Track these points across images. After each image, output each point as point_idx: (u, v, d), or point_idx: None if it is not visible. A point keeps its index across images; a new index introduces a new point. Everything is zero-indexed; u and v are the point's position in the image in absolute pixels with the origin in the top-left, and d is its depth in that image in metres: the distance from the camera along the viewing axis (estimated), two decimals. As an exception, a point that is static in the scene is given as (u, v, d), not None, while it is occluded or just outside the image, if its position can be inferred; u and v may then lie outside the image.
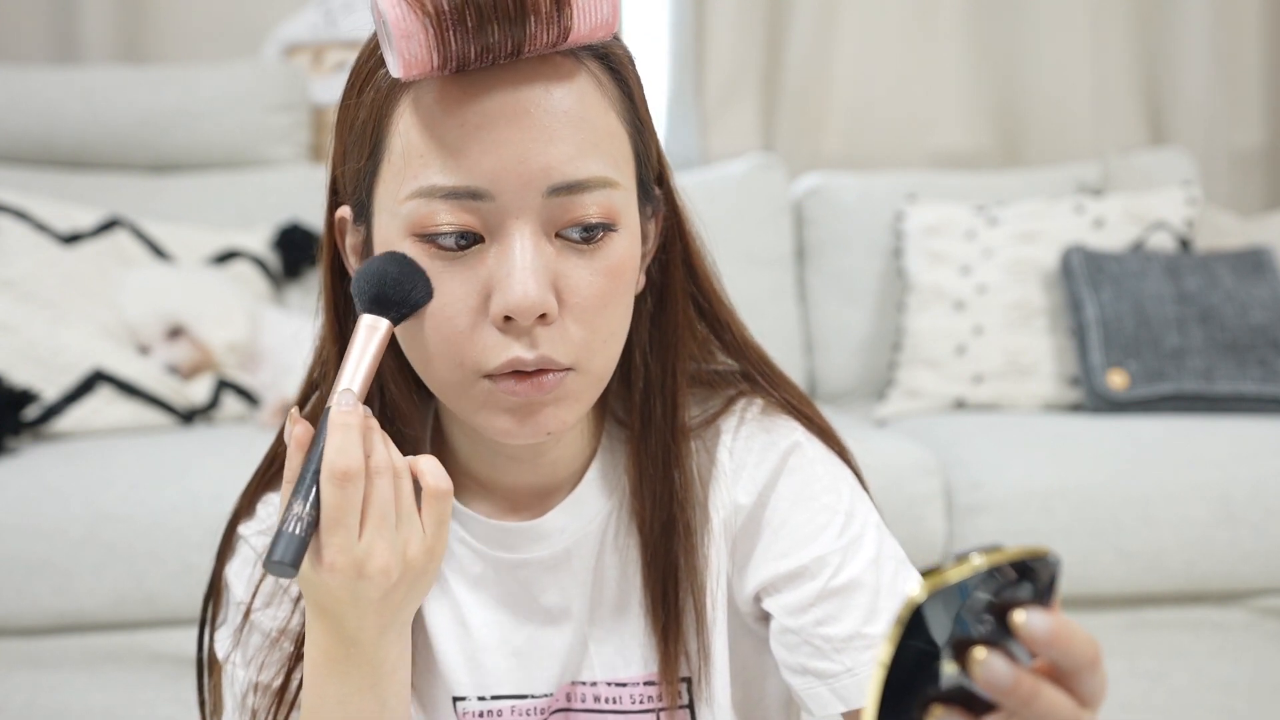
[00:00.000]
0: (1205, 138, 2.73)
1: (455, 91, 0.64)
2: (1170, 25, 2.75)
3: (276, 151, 2.35)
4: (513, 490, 0.78)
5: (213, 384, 1.92)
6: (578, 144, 0.65)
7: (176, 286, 1.97)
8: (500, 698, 0.77)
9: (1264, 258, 2.12)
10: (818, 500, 0.76)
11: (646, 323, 0.77)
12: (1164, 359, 2.00)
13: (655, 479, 0.77)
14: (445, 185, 0.64)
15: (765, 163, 2.42)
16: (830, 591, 0.74)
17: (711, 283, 0.79)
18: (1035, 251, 2.18)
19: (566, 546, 0.78)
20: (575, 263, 0.66)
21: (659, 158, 0.74)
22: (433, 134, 0.64)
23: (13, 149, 2.25)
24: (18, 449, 1.70)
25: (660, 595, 0.77)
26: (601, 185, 0.66)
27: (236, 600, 0.77)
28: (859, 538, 0.76)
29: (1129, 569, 1.72)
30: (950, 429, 1.94)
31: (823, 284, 2.42)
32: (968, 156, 2.76)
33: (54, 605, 1.55)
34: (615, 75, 0.68)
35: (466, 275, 0.65)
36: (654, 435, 0.77)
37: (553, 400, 0.68)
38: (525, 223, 0.65)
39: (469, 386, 0.68)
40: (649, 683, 0.78)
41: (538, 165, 0.64)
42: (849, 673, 0.72)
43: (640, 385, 0.77)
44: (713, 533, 0.78)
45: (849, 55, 2.72)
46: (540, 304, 0.64)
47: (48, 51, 2.57)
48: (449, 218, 0.64)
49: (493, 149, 0.63)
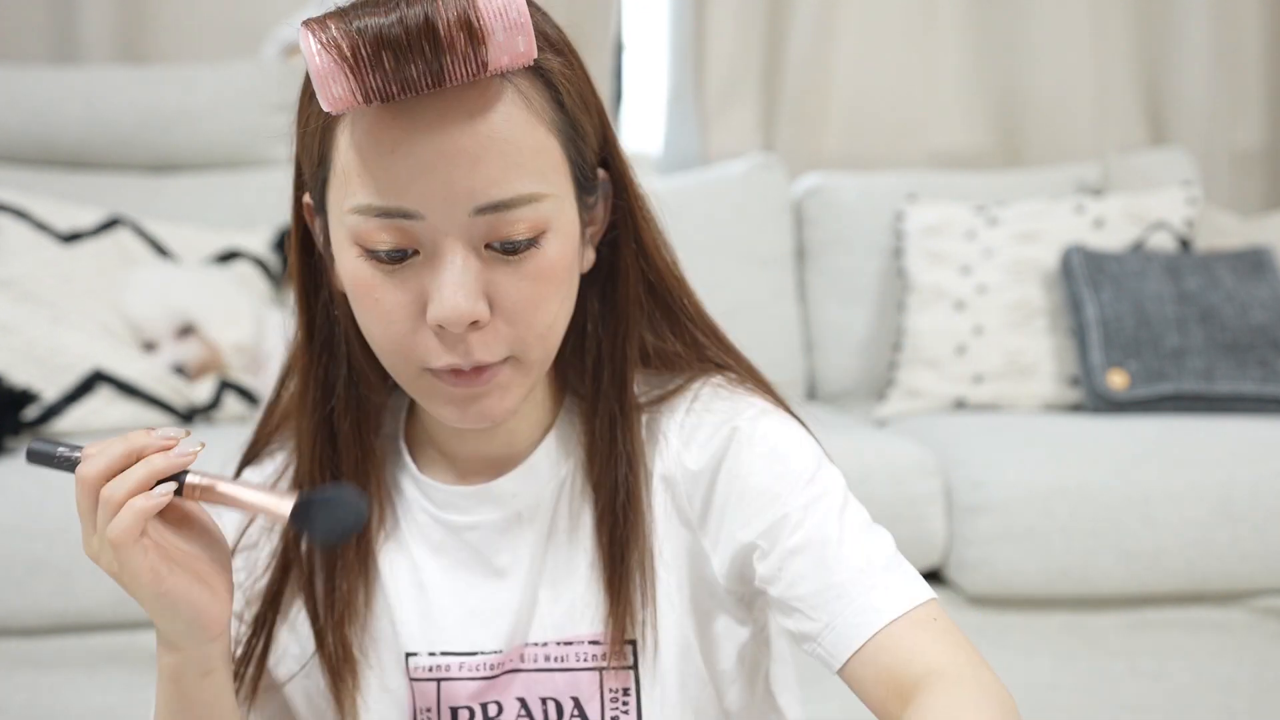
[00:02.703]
0: (1205, 138, 2.73)
1: (385, 119, 0.67)
2: (1170, 25, 2.75)
3: (276, 151, 2.35)
4: (471, 459, 0.83)
5: (215, 384, 1.92)
6: (502, 165, 0.68)
7: (186, 285, 1.97)
8: (450, 654, 0.81)
9: (1264, 258, 2.12)
10: (778, 465, 0.78)
11: (596, 298, 0.81)
12: (1164, 359, 2.00)
13: (604, 445, 0.80)
14: (379, 205, 0.68)
15: (765, 163, 2.42)
16: (792, 550, 0.75)
17: (661, 256, 0.82)
18: (1035, 251, 2.18)
19: (517, 510, 0.82)
20: (504, 271, 0.70)
21: (605, 142, 0.77)
22: (366, 157, 0.68)
23: (13, 149, 2.25)
24: (18, 449, 1.70)
25: (610, 562, 0.80)
26: (527, 201, 0.69)
27: None
28: (820, 496, 0.77)
29: (1129, 569, 1.72)
30: (950, 429, 1.94)
31: (823, 284, 2.42)
32: (968, 156, 2.76)
33: (54, 605, 1.55)
34: (545, 85, 0.70)
35: (404, 284, 0.70)
36: (602, 403, 0.81)
37: (493, 389, 0.73)
38: (454, 239, 0.69)
39: (415, 377, 0.73)
40: (594, 641, 0.81)
41: (463, 189, 0.67)
42: (828, 627, 0.73)
43: (593, 356, 0.81)
44: (660, 503, 0.81)
45: (849, 55, 2.72)
46: (469, 314, 0.69)
47: (48, 51, 2.57)
48: (384, 235, 0.69)
49: (420, 174, 0.67)
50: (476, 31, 0.63)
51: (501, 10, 0.64)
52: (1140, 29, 2.78)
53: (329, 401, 0.81)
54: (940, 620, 0.73)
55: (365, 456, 0.82)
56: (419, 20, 0.63)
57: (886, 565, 0.74)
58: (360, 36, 0.63)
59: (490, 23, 0.64)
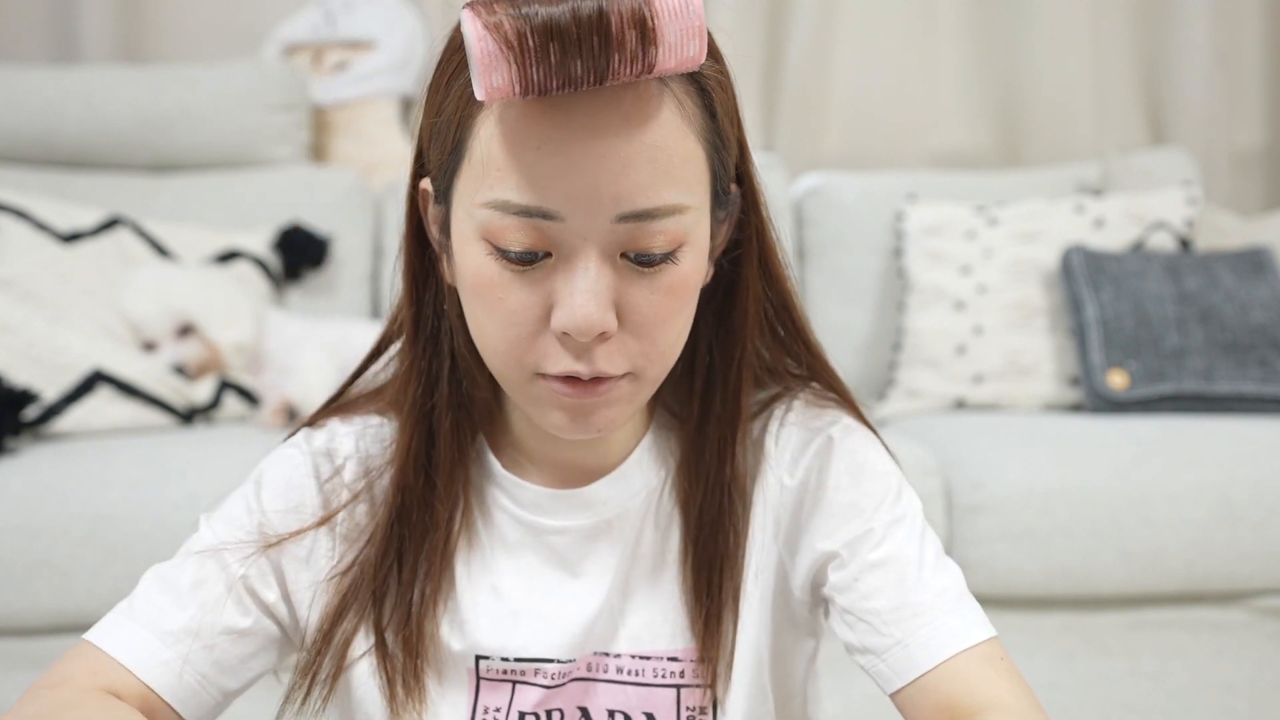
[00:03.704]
0: (1205, 138, 2.73)
1: (536, 113, 0.64)
2: (1170, 25, 2.75)
3: (276, 151, 2.35)
4: (561, 466, 0.80)
5: (215, 384, 1.92)
6: (651, 173, 0.65)
7: (186, 284, 1.97)
8: (523, 660, 0.79)
9: (1264, 258, 2.11)
10: (866, 482, 0.78)
11: (713, 316, 0.78)
12: (1164, 359, 2.00)
13: (707, 467, 0.79)
14: (518, 203, 0.65)
15: (765, 163, 2.42)
16: (873, 564, 0.75)
17: (786, 284, 0.80)
18: (1035, 251, 2.18)
19: (608, 518, 0.80)
20: (638, 283, 0.67)
21: (742, 157, 0.74)
22: (511, 151, 0.65)
23: (13, 149, 2.25)
24: (18, 449, 1.69)
25: (704, 578, 0.78)
26: (671, 213, 0.66)
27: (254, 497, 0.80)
28: (903, 517, 0.77)
29: (1129, 569, 1.72)
30: (950, 429, 1.94)
31: (823, 284, 2.42)
32: (968, 156, 2.76)
33: (54, 605, 1.55)
34: (700, 92, 0.68)
35: (532, 286, 0.67)
36: (712, 426, 0.79)
37: (605, 403, 0.70)
38: (592, 245, 0.66)
39: (526, 382, 0.70)
40: (673, 658, 0.79)
41: (609, 193, 0.64)
42: (900, 644, 0.73)
43: (702, 375, 0.79)
44: (757, 519, 0.80)
45: (849, 55, 2.72)
46: (599, 325, 0.66)
47: (48, 51, 2.57)
48: (518, 235, 0.66)
49: (567, 173, 0.64)
50: (650, 31, 0.60)
51: (678, 10, 0.61)
52: (1140, 29, 2.78)
53: (431, 398, 0.78)
54: (1005, 660, 0.73)
55: (461, 456, 0.80)
56: (592, 11, 0.59)
57: (960, 595, 0.75)
58: (528, 24, 0.60)
59: (665, 23, 0.61)
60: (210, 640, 0.75)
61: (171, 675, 0.74)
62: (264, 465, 0.82)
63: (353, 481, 0.80)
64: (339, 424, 0.83)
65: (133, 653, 0.74)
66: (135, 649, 0.74)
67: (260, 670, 0.79)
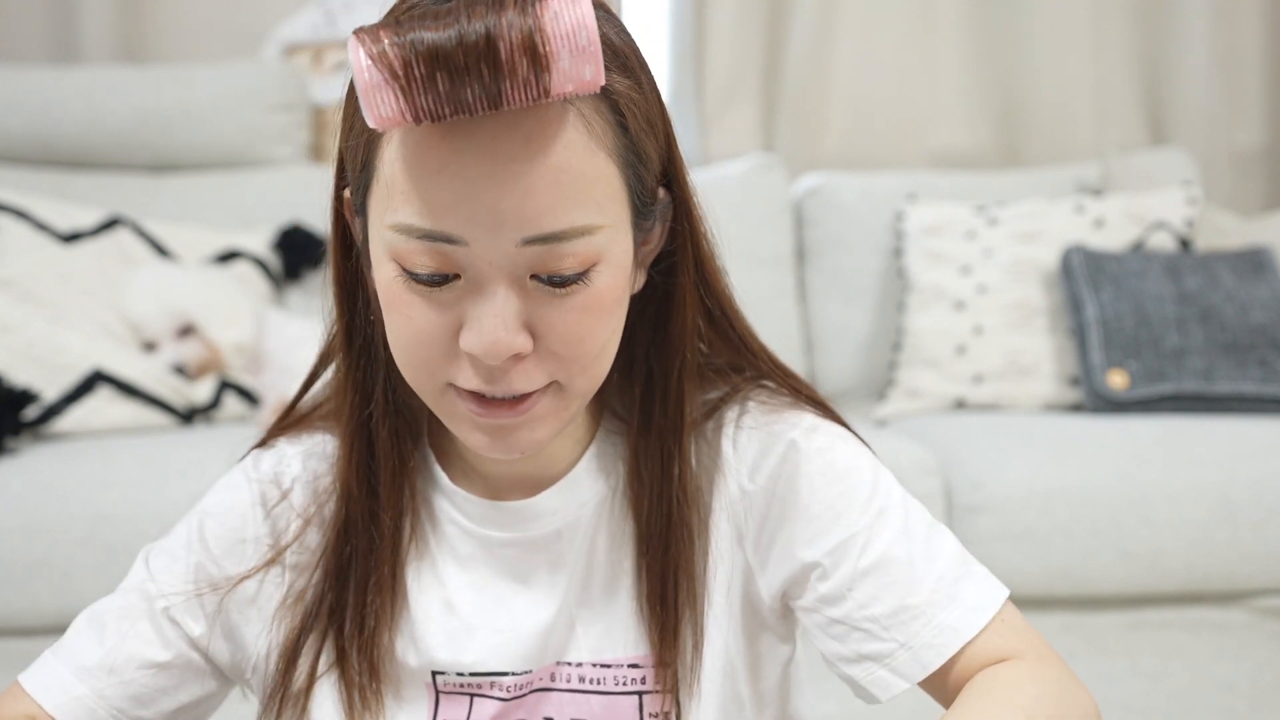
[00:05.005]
0: (1205, 138, 2.73)
1: (435, 137, 0.62)
2: (1170, 25, 2.75)
3: (276, 151, 2.35)
4: (507, 477, 0.79)
5: (215, 384, 1.92)
6: (555, 195, 0.63)
7: (186, 284, 1.97)
8: (479, 674, 0.78)
9: (1264, 258, 2.12)
10: (839, 482, 0.76)
11: (649, 324, 0.76)
12: (1164, 359, 2.00)
13: (655, 473, 0.77)
14: (420, 228, 0.64)
15: (765, 163, 2.42)
16: (863, 571, 0.74)
17: (723, 288, 0.78)
18: (1035, 251, 2.18)
19: (558, 527, 0.78)
20: (550, 304, 0.66)
21: (669, 163, 0.72)
22: (412, 175, 0.63)
23: (13, 149, 2.25)
24: (18, 449, 1.69)
25: (659, 584, 0.77)
26: (580, 234, 0.64)
27: (196, 531, 0.80)
28: (883, 510, 0.76)
29: (1129, 569, 1.72)
30: (950, 429, 1.94)
31: (823, 284, 2.42)
32: (968, 156, 2.76)
33: (54, 605, 1.55)
34: (610, 109, 0.65)
35: (442, 308, 0.66)
36: (654, 433, 0.77)
37: (528, 421, 0.69)
38: (498, 269, 0.64)
39: (440, 394, 0.69)
40: (633, 665, 0.79)
41: (513, 217, 0.63)
42: (904, 647, 0.73)
43: (641, 383, 0.77)
44: (717, 525, 0.79)
45: (849, 55, 2.72)
46: (507, 349, 0.65)
47: (48, 51, 2.57)
48: (424, 259, 0.64)
49: (468, 198, 0.62)
50: (541, 56, 0.58)
51: (569, 34, 0.58)
52: (1140, 29, 2.78)
53: (367, 406, 0.77)
54: (1011, 622, 0.73)
55: (402, 465, 0.78)
56: (479, 37, 0.57)
57: (957, 578, 0.74)
58: (414, 51, 0.58)
59: (556, 47, 0.58)
60: (128, 675, 0.77)
61: (83, 710, 0.76)
62: (210, 495, 0.81)
63: (302, 506, 0.80)
64: (287, 444, 0.82)
65: (45, 689, 0.76)
66: (49, 685, 0.76)
67: (186, 701, 0.79)
